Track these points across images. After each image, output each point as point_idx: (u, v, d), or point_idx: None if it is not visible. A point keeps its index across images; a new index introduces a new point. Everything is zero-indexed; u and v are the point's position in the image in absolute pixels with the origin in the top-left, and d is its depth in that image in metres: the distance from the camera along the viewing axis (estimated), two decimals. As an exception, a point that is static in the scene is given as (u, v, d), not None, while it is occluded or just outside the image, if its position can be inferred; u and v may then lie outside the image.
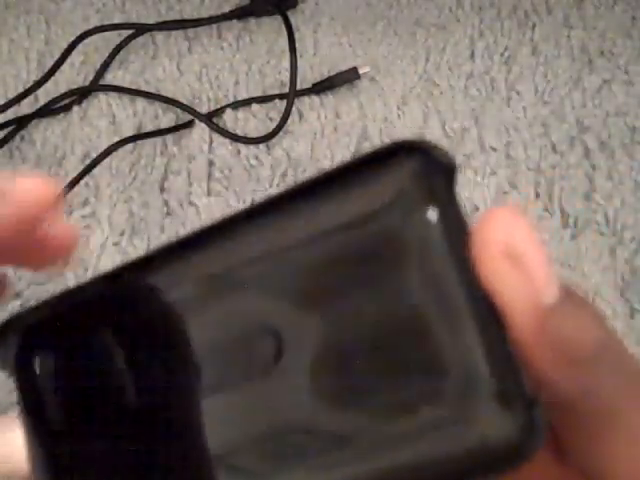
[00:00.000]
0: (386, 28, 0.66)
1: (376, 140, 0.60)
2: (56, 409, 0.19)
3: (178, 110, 0.61)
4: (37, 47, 0.63)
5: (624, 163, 0.60)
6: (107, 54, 0.62)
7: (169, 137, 0.60)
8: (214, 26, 0.64)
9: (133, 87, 0.61)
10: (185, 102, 0.61)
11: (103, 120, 0.60)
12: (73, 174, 0.57)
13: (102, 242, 0.55)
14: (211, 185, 0.58)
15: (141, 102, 0.61)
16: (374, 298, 0.16)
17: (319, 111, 0.61)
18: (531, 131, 0.61)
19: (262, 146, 0.59)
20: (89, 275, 0.54)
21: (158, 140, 0.59)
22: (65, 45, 0.60)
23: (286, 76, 0.61)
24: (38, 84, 0.59)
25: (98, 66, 0.61)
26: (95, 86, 0.61)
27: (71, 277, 0.53)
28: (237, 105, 0.61)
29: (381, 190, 0.17)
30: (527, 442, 0.14)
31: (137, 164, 0.58)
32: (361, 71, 0.62)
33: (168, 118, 0.61)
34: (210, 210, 0.57)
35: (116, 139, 0.59)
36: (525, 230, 0.16)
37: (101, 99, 0.61)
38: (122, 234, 0.55)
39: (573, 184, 0.58)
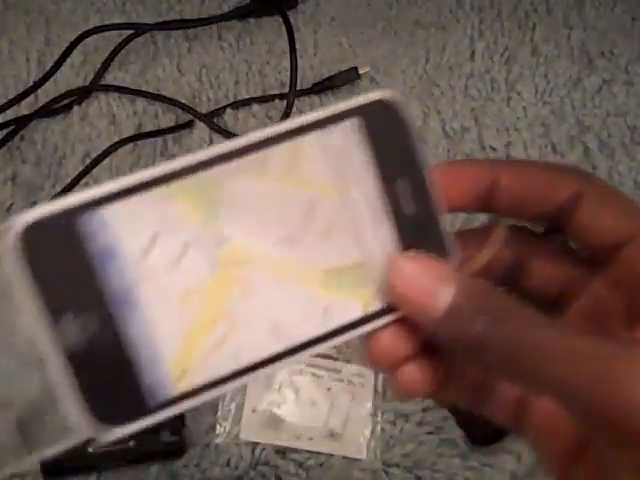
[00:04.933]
0: (386, 28, 0.66)
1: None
2: None
3: (178, 110, 0.61)
4: (37, 47, 0.63)
5: (624, 163, 0.60)
6: (107, 54, 0.62)
7: (169, 137, 0.60)
8: (214, 26, 0.64)
9: (133, 87, 0.61)
10: (185, 102, 0.61)
11: (103, 120, 0.60)
12: (73, 174, 0.57)
13: (102, 242, 0.55)
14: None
15: (141, 102, 0.61)
16: None
17: (319, 111, 0.61)
18: (531, 131, 0.61)
19: (262, 146, 0.59)
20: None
21: (158, 140, 0.59)
22: (65, 45, 0.60)
23: (286, 76, 0.61)
24: (38, 84, 0.59)
25: (98, 66, 0.61)
26: (95, 86, 0.61)
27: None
28: (237, 105, 0.61)
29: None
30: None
31: (137, 164, 0.58)
32: (361, 71, 0.62)
33: (168, 118, 0.61)
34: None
35: (116, 139, 0.59)
36: (422, 282, 0.23)
37: (101, 99, 0.61)
38: (122, 234, 0.55)
39: (573, 184, 0.58)
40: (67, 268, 0.21)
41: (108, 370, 0.22)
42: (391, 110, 0.24)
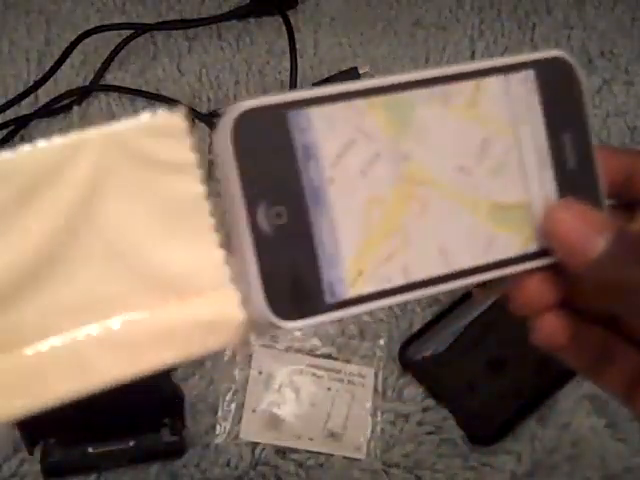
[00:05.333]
0: (386, 28, 0.66)
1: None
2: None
3: (178, 110, 0.61)
4: (37, 47, 0.63)
5: (624, 163, 0.60)
6: (107, 54, 0.62)
7: (169, 137, 0.60)
8: (214, 26, 0.64)
9: (133, 87, 0.61)
10: (185, 102, 0.61)
11: (103, 120, 0.60)
12: (73, 174, 0.57)
13: (102, 242, 0.55)
14: (211, 185, 0.58)
15: (141, 102, 0.61)
16: None
17: (319, 111, 0.61)
18: (531, 131, 0.61)
19: (262, 146, 0.59)
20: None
21: (158, 140, 0.59)
22: (65, 45, 0.60)
23: (286, 76, 0.61)
24: (38, 84, 0.59)
25: (98, 66, 0.61)
26: (95, 86, 0.61)
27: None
28: (237, 105, 0.61)
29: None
30: None
31: (137, 164, 0.58)
32: (361, 71, 0.62)
33: (168, 118, 0.61)
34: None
35: (116, 139, 0.58)
36: (582, 224, 0.25)
37: (101, 99, 0.61)
38: (122, 234, 0.55)
39: (573, 184, 0.58)
40: (270, 158, 0.23)
41: (291, 262, 0.23)
42: (566, 68, 0.27)
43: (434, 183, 0.25)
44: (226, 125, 0.23)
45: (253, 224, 0.23)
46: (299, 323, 0.23)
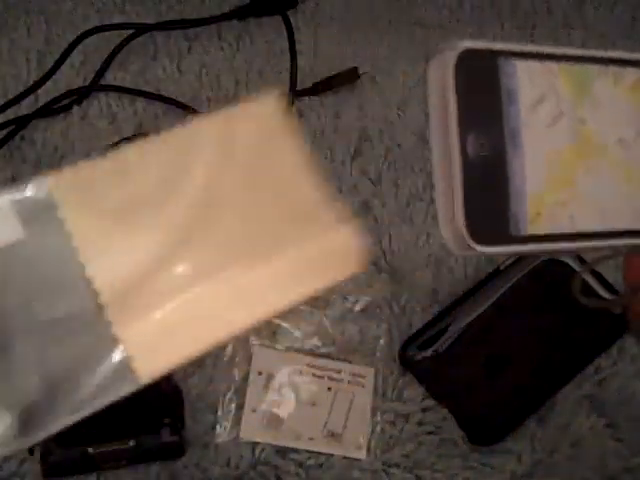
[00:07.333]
0: (386, 28, 0.66)
1: (376, 140, 0.60)
2: None
3: (178, 110, 0.61)
4: (37, 47, 0.63)
5: (624, 163, 0.60)
6: (107, 54, 0.62)
7: (169, 137, 0.60)
8: (214, 26, 0.64)
9: (133, 87, 0.61)
10: (185, 102, 0.61)
11: (103, 120, 0.60)
12: (73, 174, 0.57)
13: (102, 242, 0.55)
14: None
15: (141, 102, 0.61)
16: None
17: (319, 111, 0.61)
18: (531, 131, 0.61)
19: (262, 146, 0.59)
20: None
21: (158, 140, 0.59)
22: (65, 45, 0.60)
23: (286, 76, 0.61)
24: (38, 84, 0.59)
25: (98, 66, 0.61)
26: (95, 86, 0.61)
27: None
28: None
29: None
30: None
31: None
32: (361, 71, 0.62)
33: (168, 118, 0.61)
34: (210, 210, 0.57)
35: (116, 139, 0.59)
36: None
37: (101, 99, 0.61)
38: (122, 234, 0.55)
39: (573, 184, 0.58)
40: (481, 95, 0.26)
41: (488, 191, 0.26)
42: None
43: (602, 149, 0.28)
44: (448, 60, 0.25)
45: (463, 150, 0.25)
46: (487, 249, 0.26)
